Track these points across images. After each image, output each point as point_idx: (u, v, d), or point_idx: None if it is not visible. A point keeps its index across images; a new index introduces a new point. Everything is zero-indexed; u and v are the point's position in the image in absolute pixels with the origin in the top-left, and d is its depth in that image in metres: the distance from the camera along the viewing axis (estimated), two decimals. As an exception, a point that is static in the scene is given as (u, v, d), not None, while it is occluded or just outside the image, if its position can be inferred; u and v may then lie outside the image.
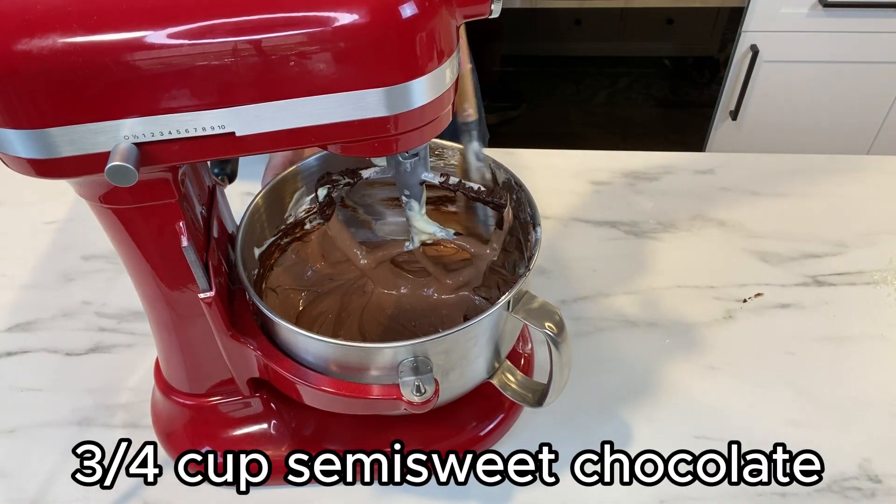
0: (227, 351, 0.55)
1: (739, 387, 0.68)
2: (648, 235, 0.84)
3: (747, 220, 0.86)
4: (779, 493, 0.60)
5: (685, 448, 0.63)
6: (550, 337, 0.52)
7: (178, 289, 0.52)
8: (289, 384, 0.55)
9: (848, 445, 0.63)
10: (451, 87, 0.43)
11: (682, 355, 0.71)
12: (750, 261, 0.81)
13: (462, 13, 0.41)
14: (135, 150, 0.39)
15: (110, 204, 0.46)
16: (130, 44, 0.36)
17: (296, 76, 0.38)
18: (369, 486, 0.62)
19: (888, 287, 0.78)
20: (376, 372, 0.53)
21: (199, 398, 0.61)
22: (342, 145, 0.43)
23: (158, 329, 0.57)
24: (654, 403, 0.67)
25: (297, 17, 0.37)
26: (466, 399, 0.60)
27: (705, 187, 0.91)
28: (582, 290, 0.78)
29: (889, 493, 0.60)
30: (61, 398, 0.69)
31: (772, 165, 0.93)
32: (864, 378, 0.69)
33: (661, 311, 0.75)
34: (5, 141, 0.39)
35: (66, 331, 0.75)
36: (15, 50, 0.35)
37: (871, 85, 1.63)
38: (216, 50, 0.37)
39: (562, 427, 0.65)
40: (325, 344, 0.52)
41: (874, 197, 0.89)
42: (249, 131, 0.40)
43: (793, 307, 0.76)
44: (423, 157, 0.57)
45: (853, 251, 0.82)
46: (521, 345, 0.70)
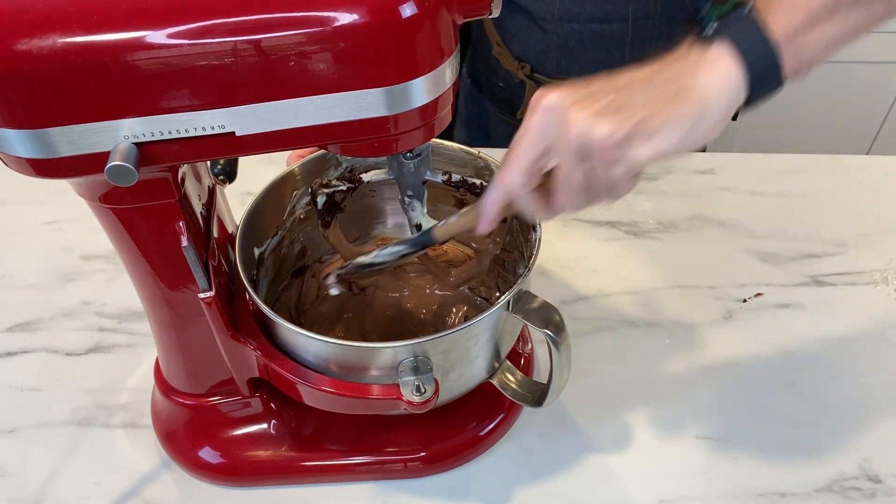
0: (227, 351, 0.55)
1: (739, 387, 0.68)
2: (648, 235, 0.84)
3: (747, 220, 0.86)
4: (779, 493, 0.60)
5: (685, 448, 0.63)
6: (550, 337, 0.52)
7: (178, 289, 0.52)
8: (289, 384, 0.55)
9: (848, 445, 0.63)
10: (451, 87, 0.43)
11: (682, 355, 0.71)
12: (750, 261, 0.81)
13: (462, 13, 0.41)
14: (134, 150, 0.39)
15: (110, 204, 0.46)
16: (130, 44, 0.36)
17: (296, 76, 0.38)
18: (369, 486, 0.62)
19: (888, 287, 0.78)
20: (376, 372, 0.53)
21: (199, 398, 0.61)
22: (342, 145, 0.43)
23: (158, 329, 0.57)
24: (654, 403, 0.67)
25: (296, 17, 0.37)
26: (466, 399, 0.60)
27: (705, 187, 0.91)
28: (582, 290, 0.78)
29: (889, 493, 0.60)
30: (61, 398, 0.69)
31: (772, 165, 0.93)
32: (864, 378, 0.69)
33: (661, 311, 0.75)
34: (5, 141, 0.39)
35: (66, 331, 0.75)
36: (15, 50, 0.36)
37: (871, 85, 1.63)
38: (216, 50, 0.37)
39: (562, 427, 0.65)
40: (325, 344, 0.52)
41: (874, 197, 0.89)
42: (249, 131, 0.40)
43: (793, 307, 0.76)
44: (425, 156, 0.57)
45: (853, 251, 0.82)
46: (521, 345, 0.70)
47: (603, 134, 0.40)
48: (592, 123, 0.40)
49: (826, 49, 0.43)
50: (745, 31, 0.42)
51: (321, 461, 0.62)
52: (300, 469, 0.61)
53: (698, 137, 0.42)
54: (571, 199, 0.44)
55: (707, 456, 0.63)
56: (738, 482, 0.61)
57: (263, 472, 0.61)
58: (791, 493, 0.60)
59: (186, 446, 0.62)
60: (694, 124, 0.41)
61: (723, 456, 0.63)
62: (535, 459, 0.63)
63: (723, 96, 0.42)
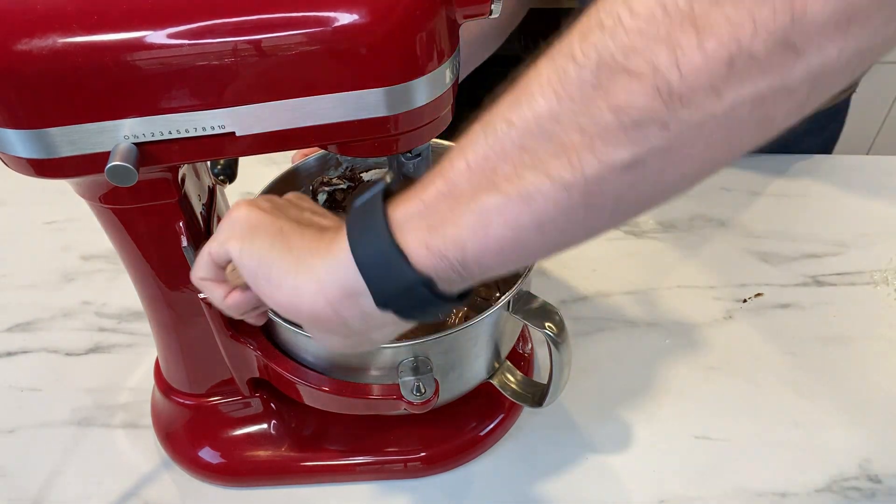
0: (227, 351, 0.55)
1: (739, 387, 0.68)
2: (648, 235, 0.84)
3: (747, 220, 0.86)
4: (779, 493, 0.60)
5: (685, 448, 0.63)
6: (550, 337, 0.52)
7: (178, 289, 0.52)
8: (289, 384, 0.55)
9: (848, 445, 0.63)
10: (451, 87, 0.43)
11: (682, 355, 0.71)
12: (750, 261, 0.81)
13: (462, 13, 0.41)
14: (135, 150, 0.39)
15: (110, 204, 0.46)
16: (130, 44, 0.36)
17: (296, 76, 0.38)
18: (369, 486, 0.62)
19: (888, 287, 0.78)
20: (376, 372, 0.53)
21: (199, 398, 0.61)
22: (342, 145, 0.43)
23: (158, 329, 0.57)
24: (654, 403, 0.67)
25: (296, 17, 0.37)
26: (466, 399, 0.60)
27: (705, 187, 0.90)
28: (582, 290, 0.78)
29: (889, 493, 0.60)
30: (61, 398, 0.69)
31: (772, 165, 0.93)
32: (864, 378, 0.69)
33: (661, 311, 0.75)
34: (5, 141, 0.39)
35: (66, 331, 0.75)
36: (15, 50, 0.35)
37: (871, 85, 1.63)
38: (216, 50, 0.37)
39: (562, 427, 0.65)
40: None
41: (874, 197, 0.89)
42: (249, 131, 0.40)
43: (793, 307, 0.76)
44: (425, 157, 0.57)
45: (853, 251, 0.82)
46: (521, 345, 0.70)
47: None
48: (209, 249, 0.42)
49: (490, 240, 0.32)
50: (363, 218, 0.36)
51: (321, 461, 0.62)
52: (300, 469, 0.61)
53: (296, 309, 0.38)
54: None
55: (707, 456, 0.63)
56: (738, 482, 0.61)
57: (263, 472, 0.61)
58: (791, 493, 0.60)
59: (186, 446, 0.62)
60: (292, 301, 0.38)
61: (723, 456, 0.63)
62: (535, 459, 0.63)
63: (317, 302, 0.37)
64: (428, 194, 0.34)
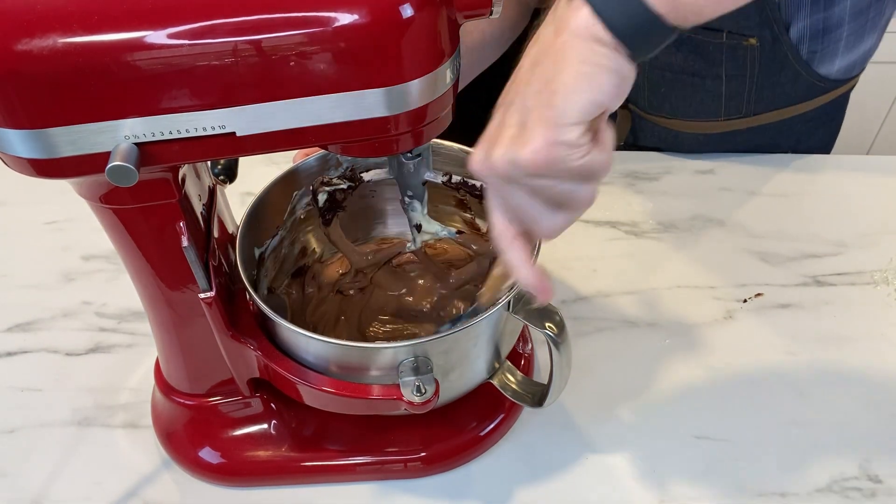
0: (227, 351, 0.55)
1: (739, 387, 0.68)
2: (648, 235, 0.84)
3: (747, 220, 0.86)
4: (779, 493, 0.60)
5: (685, 448, 0.63)
6: (550, 337, 0.52)
7: (179, 289, 0.52)
8: (289, 384, 0.55)
9: (848, 445, 0.63)
10: (452, 88, 0.43)
11: (682, 355, 0.71)
12: (750, 261, 0.81)
13: (463, 13, 0.41)
14: (135, 150, 0.39)
15: (111, 204, 0.46)
16: (131, 44, 0.36)
17: (296, 76, 0.38)
18: (369, 486, 0.62)
19: (888, 287, 0.78)
20: (376, 372, 0.53)
21: (199, 398, 0.61)
22: (342, 145, 0.43)
23: (158, 329, 0.57)
24: (654, 404, 0.67)
25: (297, 17, 0.37)
26: (466, 399, 0.60)
27: (705, 187, 0.91)
28: (582, 290, 0.78)
29: (889, 493, 0.60)
30: (61, 398, 0.69)
31: (771, 165, 0.93)
32: (865, 378, 0.69)
33: (661, 311, 0.75)
34: (5, 141, 0.39)
35: (66, 331, 0.75)
36: (15, 50, 0.36)
37: (870, 85, 1.63)
38: (216, 50, 0.37)
39: (562, 427, 0.65)
40: (325, 344, 0.52)
41: (874, 197, 0.89)
42: (249, 131, 0.40)
43: (793, 307, 0.76)
44: (425, 157, 0.57)
45: (853, 251, 0.82)
46: (521, 345, 0.70)
47: (493, 159, 0.41)
48: (491, 157, 0.41)
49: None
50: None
51: (321, 461, 0.62)
52: (300, 469, 0.61)
53: (573, 116, 0.39)
54: (546, 222, 0.44)
55: (707, 456, 0.63)
56: (738, 482, 0.61)
57: (263, 472, 0.61)
58: (791, 493, 0.60)
59: (187, 446, 0.62)
60: (559, 116, 0.39)
61: (723, 456, 0.63)
62: (536, 459, 0.63)
63: (581, 78, 0.39)
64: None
